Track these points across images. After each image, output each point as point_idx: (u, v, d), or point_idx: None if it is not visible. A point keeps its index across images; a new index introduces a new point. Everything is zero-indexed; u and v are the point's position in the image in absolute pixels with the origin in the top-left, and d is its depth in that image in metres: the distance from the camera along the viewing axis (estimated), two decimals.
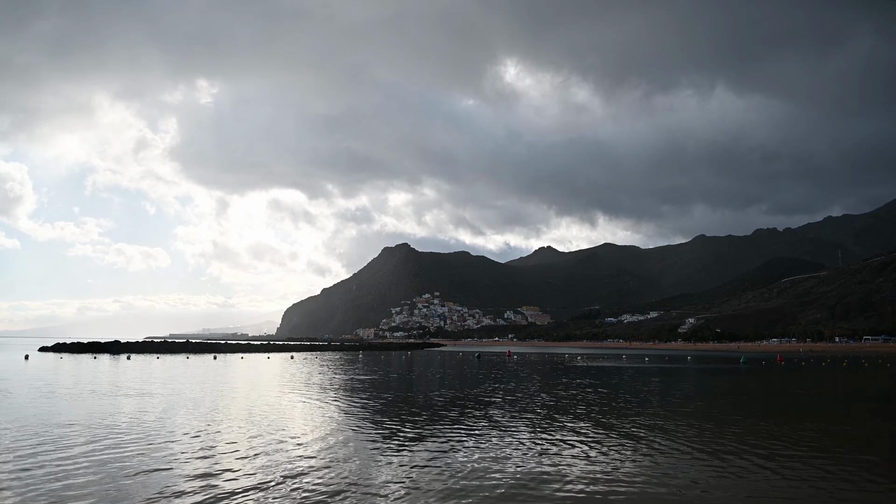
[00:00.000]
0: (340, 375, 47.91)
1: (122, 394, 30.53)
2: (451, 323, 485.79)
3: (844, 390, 39.86)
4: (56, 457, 14.89)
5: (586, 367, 63.69)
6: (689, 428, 20.38)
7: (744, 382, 44.26)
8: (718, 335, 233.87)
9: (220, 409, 25.15)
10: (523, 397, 30.76)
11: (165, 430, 19.04)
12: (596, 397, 31.18)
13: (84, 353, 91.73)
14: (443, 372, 55.72)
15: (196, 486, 12.30)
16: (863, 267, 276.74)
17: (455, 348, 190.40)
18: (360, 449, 16.52)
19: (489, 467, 14.20)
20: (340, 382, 40.40)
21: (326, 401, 28.57)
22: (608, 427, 20.52)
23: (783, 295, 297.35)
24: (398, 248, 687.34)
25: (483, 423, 21.24)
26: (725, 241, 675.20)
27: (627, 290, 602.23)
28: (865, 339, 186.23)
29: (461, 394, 32.78)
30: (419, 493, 11.99)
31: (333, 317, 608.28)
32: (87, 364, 60.67)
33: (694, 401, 30.81)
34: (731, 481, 13.02)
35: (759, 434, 19.05)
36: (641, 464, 14.68)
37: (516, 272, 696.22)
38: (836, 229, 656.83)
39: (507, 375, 49.73)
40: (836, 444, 17.54)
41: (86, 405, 25.62)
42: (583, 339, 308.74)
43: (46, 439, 17.20)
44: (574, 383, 40.70)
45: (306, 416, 23.04)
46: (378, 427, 20.48)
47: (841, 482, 12.98)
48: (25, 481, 12.55)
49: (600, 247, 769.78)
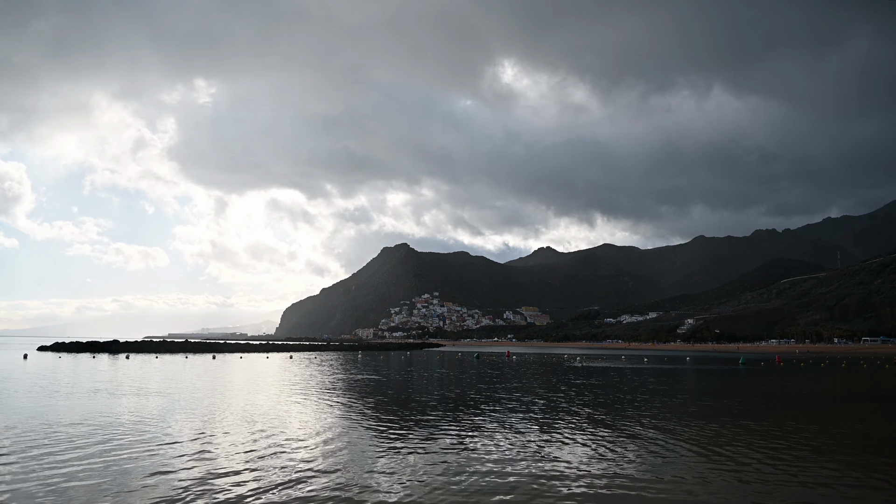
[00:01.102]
0: (340, 375, 47.88)
1: (121, 393, 30.46)
2: (451, 323, 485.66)
3: (844, 391, 39.87)
4: (53, 458, 14.83)
5: (585, 368, 63.69)
6: (689, 429, 20.35)
7: (743, 383, 44.26)
8: (717, 336, 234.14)
9: (218, 408, 25.10)
10: (522, 398, 30.73)
11: (164, 430, 18.99)
12: (595, 398, 31.15)
13: (83, 352, 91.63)
14: (442, 372, 55.69)
15: (194, 486, 12.25)
16: (862, 268, 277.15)
17: (454, 349, 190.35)
18: (359, 448, 16.49)
19: (488, 467, 14.16)
20: (340, 382, 40.37)
21: (326, 401, 28.54)
22: (607, 427, 20.49)
23: (782, 296, 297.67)
24: (397, 249, 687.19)
25: (482, 424, 21.21)
26: (724, 242, 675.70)
27: (626, 290, 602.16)
28: (864, 340, 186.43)
29: (460, 394, 32.75)
30: (419, 493, 11.96)
31: (332, 317, 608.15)
32: (86, 363, 60.59)
33: (693, 402, 30.80)
34: (731, 481, 12.98)
35: (759, 434, 19.03)
36: (641, 464, 14.64)
37: (515, 273, 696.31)
38: (836, 231, 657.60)
39: (506, 376, 49.70)
40: (837, 444, 17.52)
41: (84, 405, 25.56)
42: (582, 340, 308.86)
43: (44, 439, 17.13)
44: (573, 384, 40.68)
45: (306, 417, 23.00)
46: (377, 427, 20.44)
47: (841, 482, 12.96)
48: (22, 479, 12.50)
49: (599, 247, 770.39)
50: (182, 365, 60.05)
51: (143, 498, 11.42)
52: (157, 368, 53.23)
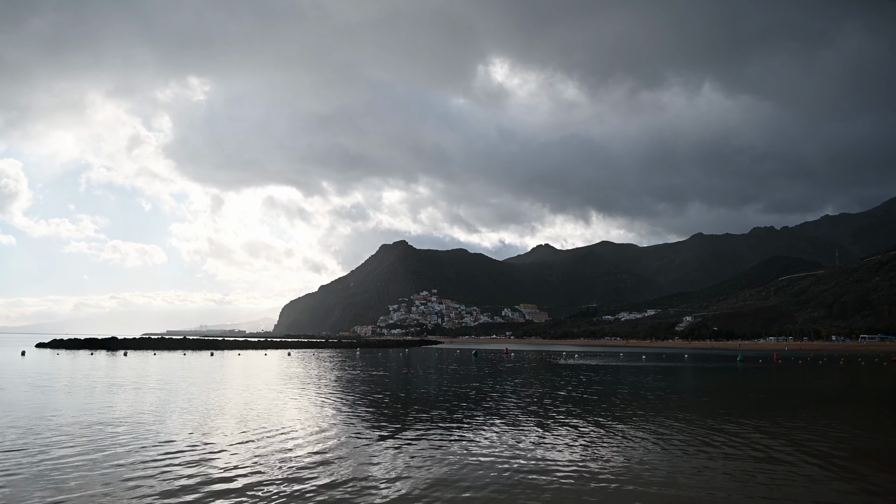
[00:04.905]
0: (338, 372, 47.85)
1: (119, 390, 30.41)
2: (449, 320, 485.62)
3: (842, 389, 39.93)
4: (50, 454, 14.78)
5: (583, 365, 63.72)
6: (686, 425, 20.34)
7: (742, 380, 44.30)
8: (716, 333, 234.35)
9: (216, 405, 25.06)
10: (520, 394, 30.71)
11: (161, 427, 18.95)
12: (593, 395, 31.16)
13: (81, 349, 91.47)
14: (440, 369, 55.68)
15: (191, 482, 12.21)
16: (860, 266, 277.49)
17: (452, 346, 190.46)
18: (357, 445, 16.45)
19: (485, 463, 14.14)
20: (338, 379, 40.34)
21: (324, 398, 28.51)
22: (604, 424, 20.48)
23: (780, 293, 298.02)
24: (396, 246, 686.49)
25: (480, 420, 21.19)
26: (723, 240, 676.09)
27: (625, 288, 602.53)
28: (862, 337, 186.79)
29: (459, 391, 32.73)
30: (417, 489, 11.93)
31: (331, 314, 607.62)
32: (84, 360, 60.49)
33: (691, 398, 30.82)
34: (731, 480, 12.98)
35: (758, 433, 19.03)
36: (638, 462, 14.63)
37: (514, 270, 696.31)
38: (834, 228, 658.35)
39: (504, 373, 49.70)
40: (837, 444, 17.52)
41: (82, 401, 25.50)
42: (580, 337, 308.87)
43: (41, 435, 17.08)
44: (571, 381, 40.68)
45: (303, 414, 22.96)
46: (375, 423, 20.42)
47: (841, 480, 12.95)
48: (19, 475, 12.45)
49: (598, 245, 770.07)
50: (180, 362, 59.97)
51: (140, 493, 11.36)
52: (155, 365, 53.15)
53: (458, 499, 11.42)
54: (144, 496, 11.25)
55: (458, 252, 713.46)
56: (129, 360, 62.20)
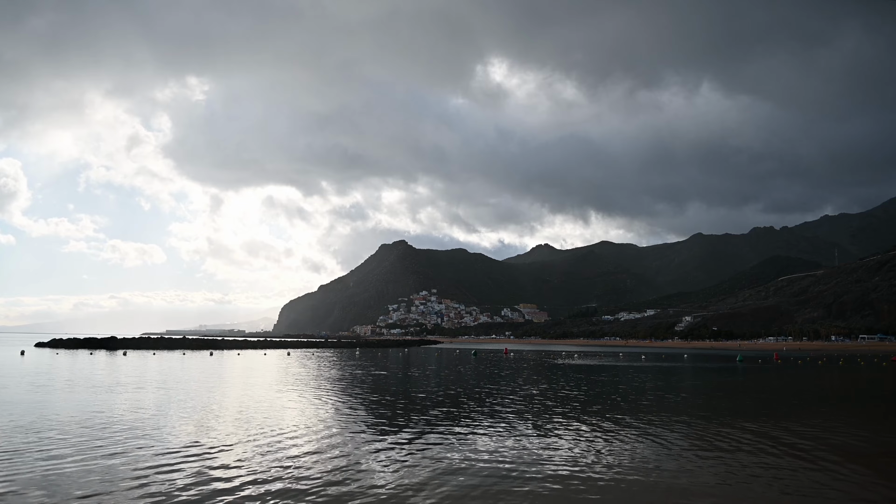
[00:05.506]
0: (337, 372, 47.83)
1: (119, 389, 30.38)
2: (449, 320, 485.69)
3: (842, 389, 39.94)
4: (48, 453, 14.74)
5: (583, 365, 63.72)
6: (688, 426, 20.34)
7: (741, 381, 44.31)
8: (715, 333, 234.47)
9: (215, 405, 25.04)
10: (520, 394, 30.70)
11: (161, 426, 18.92)
12: (592, 395, 31.15)
13: (80, 348, 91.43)
14: (440, 369, 55.68)
15: (190, 481, 12.18)
16: (859, 266, 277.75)
17: (452, 346, 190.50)
18: (357, 445, 16.43)
19: (487, 463, 14.12)
20: (337, 379, 40.32)
21: (323, 398, 28.49)
22: (602, 424, 20.46)
23: (780, 293, 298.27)
24: (395, 246, 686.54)
25: (480, 420, 21.17)
26: (722, 240, 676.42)
27: (624, 288, 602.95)
28: (861, 337, 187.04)
29: (458, 391, 32.72)
30: (417, 489, 11.91)
31: (330, 314, 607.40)
32: (84, 360, 60.45)
33: (690, 398, 30.81)
34: (730, 480, 12.96)
35: (758, 433, 19.02)
36: (636, 461, 14.61)
37: (513, 270, 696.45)
38: (833, 228, 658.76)
39: (504, 373, 49.69)
40: (836, 443, 17.51)
41: (81, 400, 25.47)
42: (580, 337, 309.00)
43: (40, 434, 17.05)
44: (570, 381, 40.68)
45: (302, 413, 22.94)
46: (375, 423, 20.40)
47: (840, 482, 12.94)
48: (17, 474, 12.42)
49: (597, 245, 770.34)
50: (180, 361, 59.94)
51: (140, 493, 11.33)
52: (155, 365, 53.12)
53: (458, 499, 11.40)
54: (144, 496, 11.22)
55: (457, 252, 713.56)
56: (129, 359, 62.16)
